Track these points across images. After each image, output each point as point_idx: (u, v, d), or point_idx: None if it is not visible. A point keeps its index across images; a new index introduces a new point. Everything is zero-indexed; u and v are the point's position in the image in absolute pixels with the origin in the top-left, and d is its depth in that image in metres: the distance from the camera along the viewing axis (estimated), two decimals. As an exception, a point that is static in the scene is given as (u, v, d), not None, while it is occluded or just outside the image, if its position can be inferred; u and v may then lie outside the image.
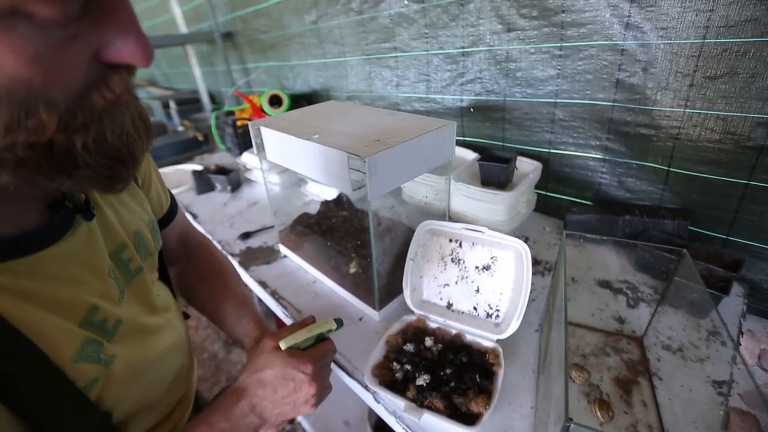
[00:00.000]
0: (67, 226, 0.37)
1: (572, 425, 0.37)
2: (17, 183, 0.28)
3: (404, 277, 0.74)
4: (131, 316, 0.44)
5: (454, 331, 0.70)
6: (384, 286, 0.77)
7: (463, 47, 1.07)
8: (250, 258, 1.00)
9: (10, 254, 0.32)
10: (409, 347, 0.67)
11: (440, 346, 0.67)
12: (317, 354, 0.54)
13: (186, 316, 0.65)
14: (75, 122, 0.27)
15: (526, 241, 0.98)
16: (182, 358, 0.56)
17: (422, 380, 0.60)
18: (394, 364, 0.64)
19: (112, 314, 0.41)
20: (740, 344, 0.70)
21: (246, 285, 0.72)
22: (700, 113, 0.75)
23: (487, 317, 0.70)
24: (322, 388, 0.53)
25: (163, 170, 1.66)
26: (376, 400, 0.62)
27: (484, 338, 0.67)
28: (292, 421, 1.56)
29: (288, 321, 0.82)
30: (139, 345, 0.45)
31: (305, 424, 1.40)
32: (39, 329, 0.33)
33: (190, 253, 0.72)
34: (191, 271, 0.70)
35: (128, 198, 0.48)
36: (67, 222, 0.37)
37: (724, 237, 0.81)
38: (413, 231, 0.75)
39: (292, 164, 0.76)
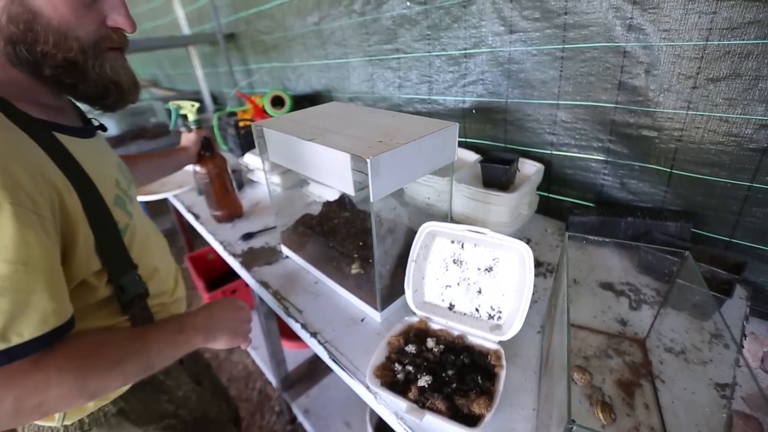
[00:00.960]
0: (93, 133, 0.64)
1: (575, 427, 0.37)
2: (52, 75, 0.52)
3: (406, 278, 0.74)
4: (136, 202, 0.68)
5: (456, 333, 0.70)
6: (386, 287, 0.77)
7: (465, 49, 1.07)
8: (252, 258, 1.01)
9: (84, 135, 0.60)
10: (411, 348, 0.67)
11: (442, 347, 0.67)
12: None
13: None
14: (89, 51, 0.53)
15: (527, 242, 0.98)
16: (170, 259, 0.78)
17: (424, 381, 0.60)
18: (396, 365, 0.64)
19: (127, 190, 0.64)
20: (743, 347, 0.70)
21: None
22: (702, 115, 0.75)
23: (489, 319, 0.70)
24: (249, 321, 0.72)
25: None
26: (377, 401, 0.62)
27: (486, 340, 0.67)
28: (293, 421, 1.56)
29: (290, 321, 0.82)
30: (141, 220, 0.67)
31: (306, 425, 1.40)
32: (94, 177, 0.54)
33: None
34: None
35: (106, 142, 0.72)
36: (92, 130, 0.64)
37: (727, 239, 0.81)
38: (415, 232, 0.75)
39: (295, 165, 0.76)
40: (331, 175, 0.67)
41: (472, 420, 0.55)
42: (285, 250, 1.00)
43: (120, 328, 0.60)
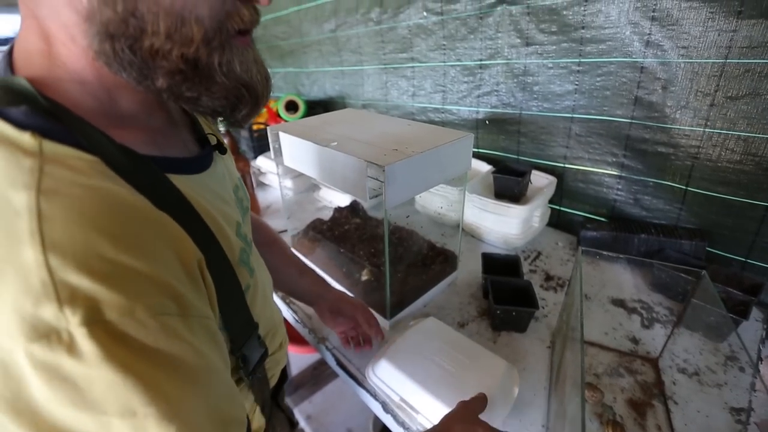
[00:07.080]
0: (211, 158, 0.45)
1: (588, 446, 0.37)
2: (168, 87, 0.34)
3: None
4: (251, 241, 0.51)
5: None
6: (395, 295, 0.77)
7: (480, 60, 1.07)
8: (261, 261, 1.01)
9: (193, 169, 0.41)
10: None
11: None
12: None
13: None
14: (214, 40, 0.34)
15: (538, 255, 0.98)
16: (275, 305, 0.61)
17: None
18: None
19: (247, 234, 0.48)
20: (759, 371, 0.68)
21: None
22: (720, 133, 0.75)
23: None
24: None
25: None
26: (384, 410, 0.62)
27: None
28: (293, 426, 1.55)
29: (298, 327, 0.82)
30: (258, 265, 0.51)
31: (308, 431, 1.39)
32: (219, 231, 0.39)
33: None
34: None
35: (230, 154, 0.54)
36: (210, 155, 0.45)
37: (743, 260, 0.79)
38: (426, 241, 0.75)
39: (309, 170, 0.77)
40: (346, 181, 0.68)
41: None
42: (295, 254, 1.00)
43: None
